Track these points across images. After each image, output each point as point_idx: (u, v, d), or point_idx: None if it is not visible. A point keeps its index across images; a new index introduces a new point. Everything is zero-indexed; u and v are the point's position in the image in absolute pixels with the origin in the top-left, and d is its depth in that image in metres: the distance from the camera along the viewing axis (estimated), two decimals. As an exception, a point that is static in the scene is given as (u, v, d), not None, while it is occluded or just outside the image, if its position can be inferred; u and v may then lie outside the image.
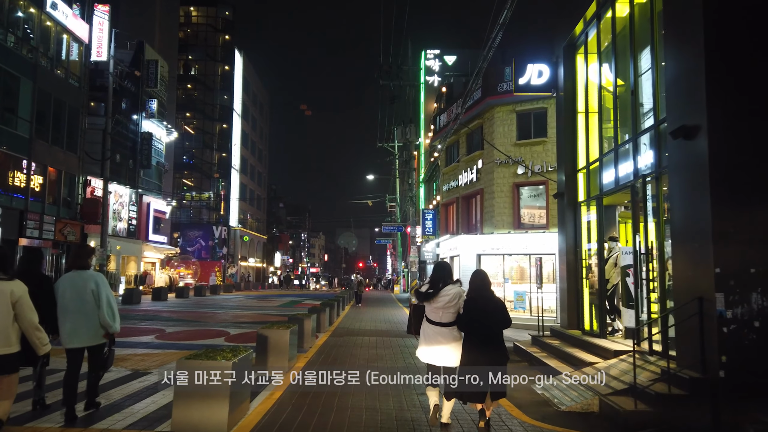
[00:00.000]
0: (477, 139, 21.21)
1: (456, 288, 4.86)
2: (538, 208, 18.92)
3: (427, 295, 4.86)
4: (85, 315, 4.82)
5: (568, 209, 9.84)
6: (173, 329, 12.81)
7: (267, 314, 18.60)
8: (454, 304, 4.78)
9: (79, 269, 5.02)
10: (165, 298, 24.95)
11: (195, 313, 18.30)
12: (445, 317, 4.80)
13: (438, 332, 4.79)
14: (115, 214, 28.89)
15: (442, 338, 4.77)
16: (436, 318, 4.83)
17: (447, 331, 4.78)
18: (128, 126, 30.76)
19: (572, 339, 8.81)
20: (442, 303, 4.77)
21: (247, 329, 13.37)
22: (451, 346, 4.75)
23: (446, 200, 23.93)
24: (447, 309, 4.78)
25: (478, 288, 4.84)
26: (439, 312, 4.80)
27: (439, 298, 4.77)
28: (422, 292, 4.96)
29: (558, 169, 10.62)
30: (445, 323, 4.80)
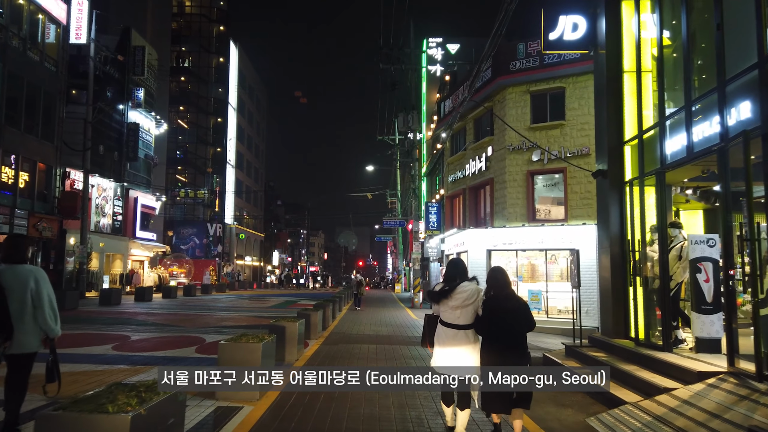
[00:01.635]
0: (486, 124, 19.42)
1: (473, 285, 4.41)
2: (555, 198, 17.13)
3: (441, 293, 4.41)
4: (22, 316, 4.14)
5: (612, 191, 8.04)
6: (141, 336, 11.03)
7: (256, 316, 16.85)
8: (472, 303, 4.35)
9: (15, 263, 4.24)
10: (149, 299, 23.19)
11: (176, 315, 16.54)
12: (463, 318, 4.36)
13: (454, 336, 4.34)
14: (97, 208, 27.10)
15: (458, 342, 4.32)
16: (452, 319, 4.38)
17: (464, 335, 4.34)
18: (113, 116, 28.96)
19: (623, 351, 7.03)
20: (459, 301, 4.33)
21: (228, 335, 11.60)
22: (469, 351, 4.32)
23: (452, 192, 22.13)
24: (464, 309, 4.35)
25: (497, 286, 4.41)
26: (456, 312, 4.36)
27: (456, 296, 4.34)
28: (436, 291, 4.49)
29: (597, 145, 8.83)
30: (461, 325, 4.35)
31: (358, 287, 21.48)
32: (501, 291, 4.38)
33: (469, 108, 19.82)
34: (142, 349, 9.25)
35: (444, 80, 33.44)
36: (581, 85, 16.48)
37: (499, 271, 4.56)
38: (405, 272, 46.01)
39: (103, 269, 27.25)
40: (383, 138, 36.59)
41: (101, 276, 26.43)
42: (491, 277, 4.51)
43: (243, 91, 55.95)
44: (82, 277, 23.52)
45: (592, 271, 15.71)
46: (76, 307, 17.72)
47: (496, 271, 4.56)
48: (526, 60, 17.23)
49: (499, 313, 4.25)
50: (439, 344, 4.42)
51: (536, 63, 17.06)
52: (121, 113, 29.69)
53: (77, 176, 24.72)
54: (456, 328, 4.35)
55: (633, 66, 7.78)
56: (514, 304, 4.33)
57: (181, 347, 9.51)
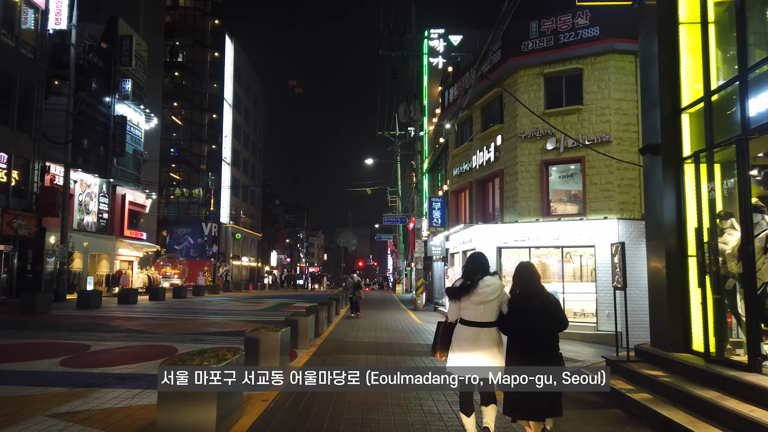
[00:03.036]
0: (495, 111, 17.94)
1: (496, 280, 4.15)
2: (572, 191, 15.65)
3: (463, 289, 4.10)
4: None
5: (667, 169, 6.53)
6: (104, 346, 9.54)
7: (244, 321, 15.37)
8: (497, 298, 4.07)
9: None
10: (134, 301, 21.70)
11: (156, 320, 15.05)
12: (486, 314, 4.06)
13: (476, 335, 4.02)
14: (81, 205, 25.61)
15: (481, 342, 4.00)
16: (475, 316, 4.07)
17: (488, 333, 4.03)
18: (99, 108, 27.47)
19: (690, 370, 5.52)
20: (482, 297, 4.04)
21: (207, 344, 10.13)
22: (493, 352, 4.00)
23: (457, 186, 20.64)
24: (487, 304, 4.06)
25: (525, 282, 4.08)
26: (480, 308, 4.06)
27: (479, 291, 4.05)
28: (456, 287, 4.17)
29: (643, 114, 7.33)
30: (485, 323, 4.05)
31: (356, 290, 17.70)
32: (529, 288, 4.05)
33: (476, 95, 18.37)
34: (96, 363, 7.75)
35: (446, 71, 31.99)
36: (600, 65, 15.01)
37: (527, 266, 4.24)
38: (406, 273, 44.51)
39: (87, 270, 25.75)
40: (383, 133, 35.13)
41: (85, 277, 24.92)
42: (518, 273, 4.18)
43: (239, 86, 54.45)
44: (63, 278, 22.04)
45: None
46: (49, 311, 16.25)
47: (523, 267, 4.24)
48: (540, 40, 15.76)
49: (528, 312, 3.95)
50: (458, 345, 4.08)
51: (550, 42, 15.59)
52: (107, 106, 28.20)
53: (58, 171, 23.23)
54: (479, 326, 4.04)
55: (693, 15, 6.29)
56: (544, 302, 3.99)
57: (145, 360, 8.01)
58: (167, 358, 8.27)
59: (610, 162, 14.64)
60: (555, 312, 3.99)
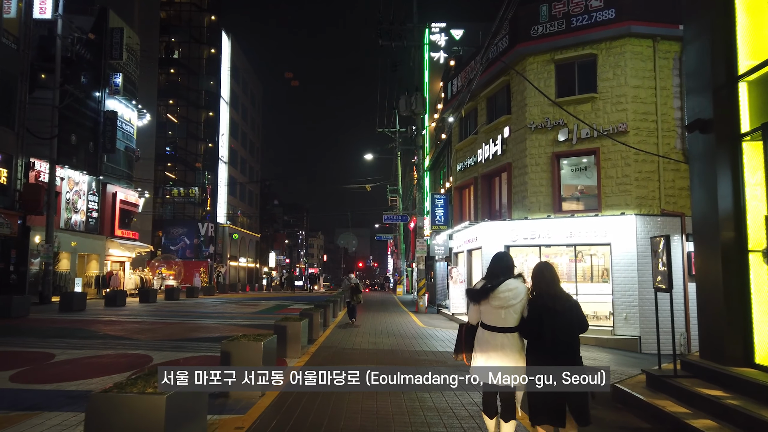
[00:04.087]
0: (501, 102, 16.94)
1: (520, 283, 3.92)
2: (586, 185, 14.64)
3: (483, 292, 3.91)
4: None
5: (721, 148, 5.51)
6: (71, 355, 8.52)
7: (235, 325, 14.37)
8: (520, 302, 3.87)
9: None
10: (122, 304, 20.68)
11: (140, 324, 14.03)
12: (508, 319, 3.87)
13: (498, 340, 3.85)
14: (68, 204, 24.59)
15: (503, 347, 3.83)
16: (496, 321, 3.90)
17: (509, 339, 3.85)
18: (88, 103, 26.48)
19: (761, 390, 4.51)
20: (504, 301, 3.85)
21: (187, 352, 9.12)
22: (516, 358, 3.84)
23: (461, 182, 19.63)
24: (509, 309, 3.86)
25: (545, 284, 3.88)
26: (500, 312, 3.88)
27: (499, 295, 3.86)
28: (477, 290, 3.98)
29: (689, 87, 6.27)
30: (507, 328, 3.86)
31: (353, 294, 15.24)
32: (548, 289, 3.89)
33: (481, 85, 17.37)
34: (53, 377, 6.73)
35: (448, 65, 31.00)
36: (616, 50, 14.02)
37: (546, 267, 4.04)
38: (407, 273, 43.48)
39: (75, 271, 24.73)
40: (383, 130, 34.15)
41: (72, 278, 23.90)
42: (537, 273, 4.00)
43: (236, 84, 53.44)
44: (48, 279, 21.01)
45: (632, 269, 13.23)
46: (26, 314, 15.23)
47: (542, 267, 4.04)
48: (550, 24, 14.75)
49: (548, 314, 3.78)
50: (480, 349, 3.98)
51: (562, 27, 14.59)
52: (97, 101, 27.20)
53: (43, 167, 22.22)
54: (501, 332, 3.90)
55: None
56: (564, 304, 3.84)
57: (110, 374, 6.99)
58: (137, 370, 7.25)
59: (627, 154, 13.64)
60: (576, 314, 3.82)
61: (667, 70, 13.94)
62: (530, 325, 3.82)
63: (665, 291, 5.81)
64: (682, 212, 13.79)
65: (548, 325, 3.73)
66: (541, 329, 3.75)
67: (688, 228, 13.87)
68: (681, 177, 13.71)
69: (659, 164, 13.67)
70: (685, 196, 13.74)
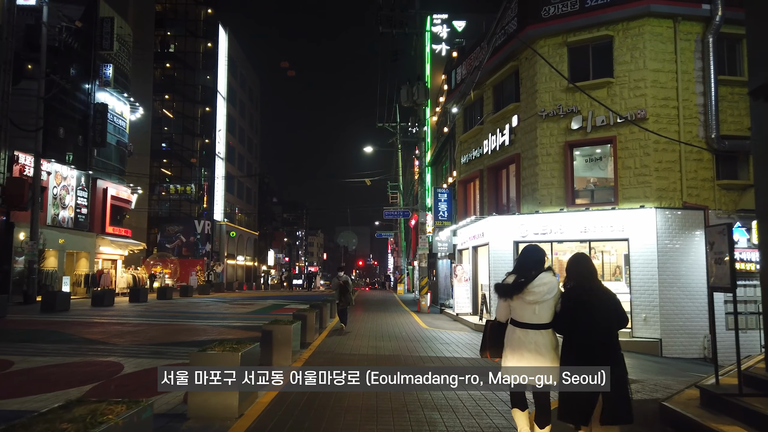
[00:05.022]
0: (509, 89, 15.96)
1: (553, 277, 3.75)
2: (601, 176, 13.67)
3: (516, 287, 3.71)
4: None
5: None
6: (33, 363, 7.58)
7: (226, 326, 13.44)
8: (553, 297, 3.69)
9: None
10: (110, 303, 19.75)
11: (123, 326, 13.09)
12: (542, 315, 3.68)
13: (530, 337, 3.66)
14: (56, 199, 23.63)
15: (536, 346, 3.62)
16: (528, 318, 3.70)
17: (543, 336, 3.67)
18: (77, 95, 25.52)
19: None
20: (538, 296, 3.67)
21: (167, 359, 8.18)
22: (551, 357, 3.63)
23: (465, 175, 18.66)
24: (542, 304, 3.68)
25: (581, 276, 3.71)
26: (533, 308, 3.69)
27: (533, 289, 3.68)
28: (508, 284, 3.77)
29: (749, 44, 5.28)
30: (540, 324, 3.67)
31: (342, 295, 12.97)
32: (585, 282, 3.66)
33: (487, 72, 16.43)
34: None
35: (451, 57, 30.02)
36: (634, 32, 13.04)
37: (583, 258, 3.82)
38: (408, 272, 42.54)
39: (63, 269, 23.77)
40: (383, 125, 33.19)
41: (60, 277, 22.94)
42: (572, 265, 3.79)
43: (234, 79, 52.44)
44: (33, 278, 20.06)
45: (652, 266, 12.28)
46: (4, 315, 14.30)
47: (578, 258, 3.82)
48: (562, 4, 13.78)
49: (584, 308, 3.57)
50: (511, 348, 3.74)
51: (575, 7, 13.61)
52: (86, 93, 26.23)
53: (28, 161, 21.26)
54: (533, 328, 3.69)
55: None
56: (601, 297, 3.62)
57: (68, 387, 6.04)
58: (100, 383, 6.29)
59: (646, 142, 12.67)
60: (614, 308, 3.63)
61: (688, 53, 12.99)
62: (563, 320, 3.65)
63: (726, 291, 4.83)
64: (705, 205, 12.85)
65: (583, 319, 3.54)
66: (575, 324, 3.57)
67: (711, 222, 12.96)
68: (704, 167, 12.76)
69: (681, 154, 12.71)
70: (708, 188, 12.79)
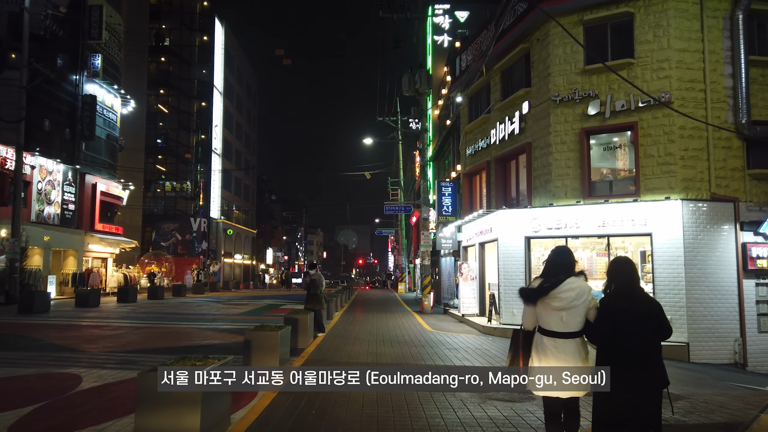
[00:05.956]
0: (519, 74, 14.91)
1: (583, 282, 3.52)
2: (621, 165, 12.61)
3: (541, 290, 3.50)
4: None
5: None
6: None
7: (214, 329, 12.41)
8: (583, 303, 3.46)
9: None
10: (95, 304, 18.73)
11: (101, 329, 12.06)
12: (570, 322, 3.45)
13: (558, 347, 3.45)
14: (40, 194, 22.56)
15: (564, 356, 3.43)
16: (555, 325, 3.48)
17: (572, 345, 3.46)
18: (64, 86, 24.45)
19: None
20: (565, 302, 3.44)
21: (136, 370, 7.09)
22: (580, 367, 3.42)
23: (471, 168, 17.60)
24: (570, 311, 3.45)
25: (622, 281, 3.42)
26: (561, 315, 3.46)
27: (560, 294, 3.45)
28: (532, 288, 3.57)
29: None
30: (569, 333, 3.46)
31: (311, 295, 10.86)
32: (625, 287, 3.39)
33: (495, 57, 15.41)
34: None
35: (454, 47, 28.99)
36: (656, 8, 11.99)
37: (625, 261, 3.54)
38: (409, 270, 41.51)
39: (49, 268, 22.71)
40: (384, 119, 32.16)
41: (45, 276, 21.86)
42: (614, 269, 3.51)
43: (231, 74, 51.36)
44: (15, 277, 18.98)
45: (678, 264, 11.22)
46: (-26, 317, 13.24)
47: (620, 262, 3.55)
48: None
49: (624, 316, 3.30)
50: (539, 359, 3.53)
51: (592, -18, 12.53)
52: (74, 84, 25.16)
53: (10, 154, 20.19)
54: (562, 337, 3.46)
55: None
56: (643, 305, 3.36)
57: (5, 410, 4.97)
58: (45, 403, 5.24)
59: (671, 128, 11.62)
60: (657, 317, 3.35)
61: (716, 31, 11.92)
62: (602, 329, 3.41)
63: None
64: (735, 197, 11.76)
65: (622, 329, 3.31)
66: (614, 334, 3.33)
67: (742, 215, 11.91)
68: (733, 156, 11.70)
69: (708, 141, 11.65)
70: (738, 178, 11.73)
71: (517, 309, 13.02)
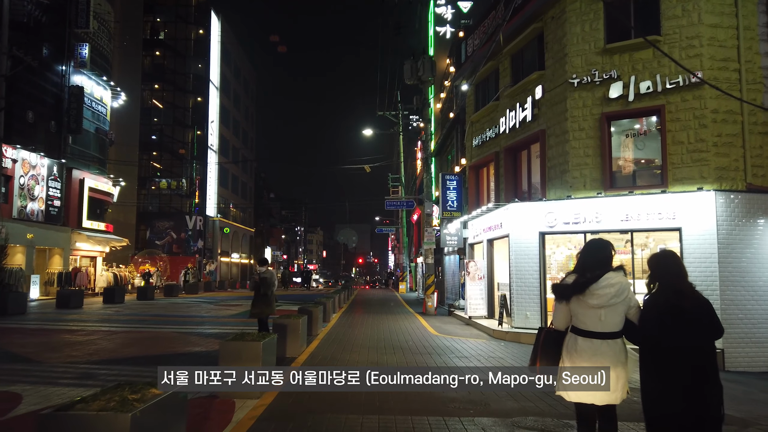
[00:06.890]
0: (531, 57, 13.79)
1: (622, 277, 3.22)
2: (646, 154, 11.49)
3: (575, 287, 3.20)
4: None
5: None
6: None
7: (199, 334, 11.36)
8: (622, 301, 3.14)
9: None
10: (77, 305, 17.63)
11: (72, 334, 10.98)
12: (608, 322, 3.16)
13: (596, 349, 3.15)
14: (23, 190, 21.44)
15: (602, 357, 3.13)
16: (592, 324, 3.18)
17: (611, 347, 3.16)
18: (49, 77, 23.33)
19: None
20: (604, 298, 3.12)
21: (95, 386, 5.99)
22: (618, 371, 3.12)
23: (477, 159, 16.49)
24: (609, 309, 3.14)
25: (669, 276, 3.10)
26: (598, 313, 3.15)
27: (597, 291, 3.14)
28: (567, 284, 3.27)
29: None
30: (607, 333, 3.16)
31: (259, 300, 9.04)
32: (673, 284, 3.06)
33: (504, 40, 14.22)
34: None
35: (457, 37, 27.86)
36: (686, -21, 10.84)
37: (670, 256, 3.26)
38: (410, 269, 40.40)
39: (33, 267, 21.60)
40: (384, 113, 31.08)
41: (28, 276, 20.73)
42: (657, 263, 3.20)
43: (227, 68, 50.23)
44: (-6, 276, 17.87)
45: (711, 261, 10.07)
46: (-62, 320, 12.13)
47: (666, 255, 3.26)
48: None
49: (673, 316, 2.97)
50: (572, 362, 3.22)
51: (614, -48, 11.41)
52: (60, 74, 24.04)
53: (-11, 147, 19.05)
54: (599, 338, 3.14)
55: None
56: (692, 303, 3.00)
57: None
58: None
59: (703, 112, 10.50)
60: (707, 315, 3.01)
61: (751, 5, 10.80)
62: (647, 329, 3.06)
63: None
64: (773, 187, 10.71)
65: (672, 329, 2.94)
66: (663, 334, 2.97)
67: (781, 208, 10.81)
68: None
69: (744, 126, 10.52)
70: (776, 167, 10.61)
71: (531, 311, 11.91)
